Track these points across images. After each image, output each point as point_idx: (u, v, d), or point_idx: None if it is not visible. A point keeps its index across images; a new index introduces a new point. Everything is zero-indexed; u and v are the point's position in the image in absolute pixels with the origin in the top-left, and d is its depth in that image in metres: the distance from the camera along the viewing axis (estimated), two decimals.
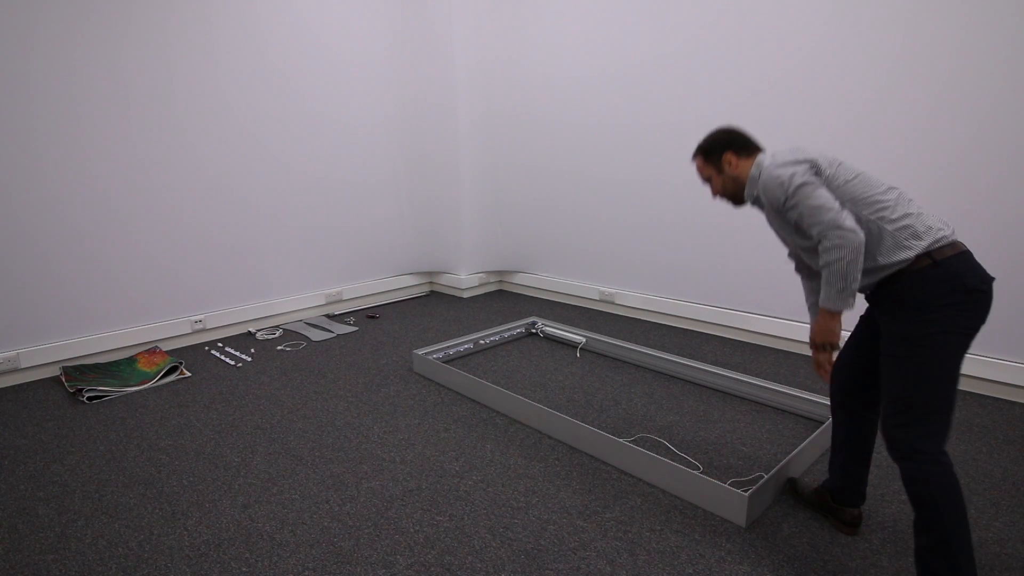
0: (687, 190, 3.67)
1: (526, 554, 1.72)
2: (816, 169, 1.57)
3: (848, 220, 1.49)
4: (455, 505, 1.96)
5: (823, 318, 1.60)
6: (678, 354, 3.26)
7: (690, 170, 3.63)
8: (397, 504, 1.97)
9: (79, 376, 3.04)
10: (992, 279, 1.47)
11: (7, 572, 1.69)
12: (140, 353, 3.40)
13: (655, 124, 3.75)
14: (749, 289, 3.51)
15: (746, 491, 1.82)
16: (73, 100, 3.08)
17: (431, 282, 5.11)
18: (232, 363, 3.34)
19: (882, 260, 1.51)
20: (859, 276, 1.49)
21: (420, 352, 3.15)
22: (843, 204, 1.55)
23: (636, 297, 4.09)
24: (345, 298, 4.46)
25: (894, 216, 1.51)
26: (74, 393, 2.90)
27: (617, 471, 2.15)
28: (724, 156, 1.78)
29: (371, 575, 1.65)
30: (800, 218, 1.56)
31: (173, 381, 3.09)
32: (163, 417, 2.67)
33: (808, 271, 1.83)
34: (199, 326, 3.70)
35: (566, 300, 4.60)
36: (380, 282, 4.69)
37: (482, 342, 3.51)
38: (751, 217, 3.41)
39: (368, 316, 4.32)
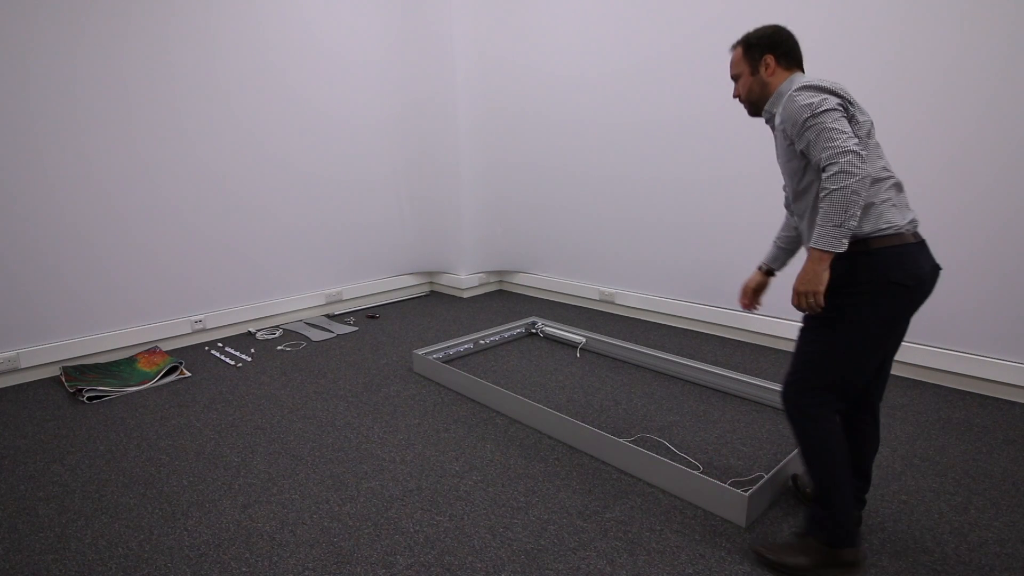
0: (687, 190, 3.67)
1: (526, 554, 1.72)
2: (846, 108, 1.49)
3: (864, 153, 1.41)
4: (455, 505, 1.96)
5: (812, 262, 1.48)
6: (678, 354, 3.26)
7: (690, 169, 3.63)
8: (397, 504, 1.97)
9: (79, 376, 3.04)
10: (927, 275, 1.52)
11: (7, 572, 1.69)
12: (140, 353, 3.40)
13: (655, 123, 3.75)
14: None
15: (746, 491, 1.82)
16: (73, 100, 3.08)
17: (431, 282, 5.11)
18: (232, 363, 3.34)
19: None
20: (858, 214, 1.42)
21: (420, 352, 3.15)
22: None
23: (636, 297, 4.09)
24: (345, 298, 4.46)
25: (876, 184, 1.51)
26: (74, 393, 2.90)
27: (617, 471, 2.15)
28: (764, 57, 1.70)
29: (371, 575, 1.65)
30: (811, 144, 1.47)
31: (173, 381, 3.09)
32: (163, 417, 2.67)
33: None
34: (199, 326, 3.70)
35: (566, 300, 4.60)
36: (380, 282, 4.69)
37: (482, 342, 3.51)
38: (751, 217, 3.41)
39: (368, 316, 4.32)
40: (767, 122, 1.74)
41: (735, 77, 1.76)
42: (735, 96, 1.78)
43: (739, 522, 1.83)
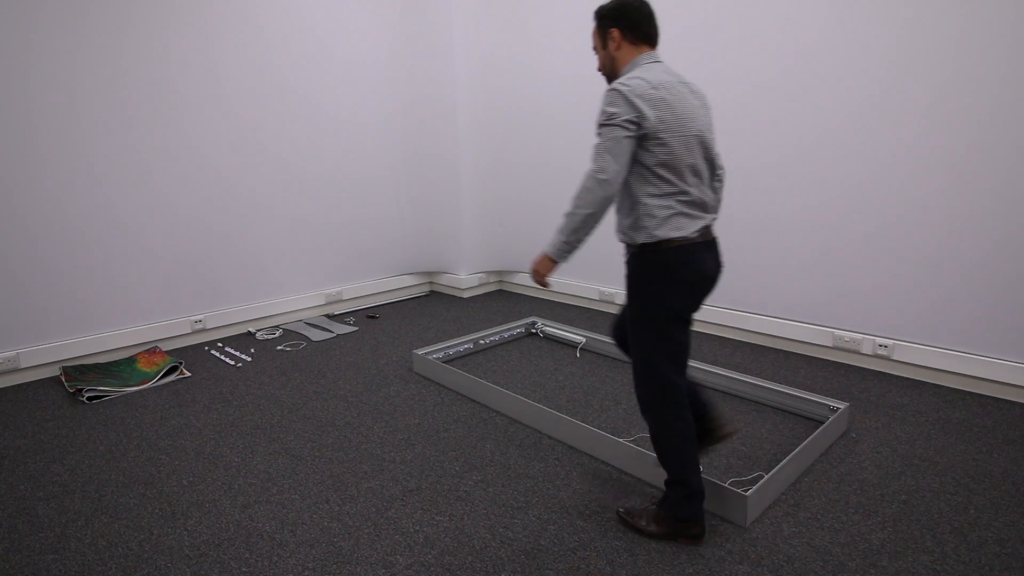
0: None
1: (526, 554, 1.72)
2: (639, 124, 1.56)
3: (617, 178, 1.57)
4: (455, 505, 1.96)
5: (545, 259, 1.73)
6: None
7: None
8: (397, 504, 1.97)
9: (79, 376, 3.04)
10: (710, 272, 1.69)
11: (7, 572, 1.69)
12: (140, 353, 3.40)
13: None
14: (749, 289, 3.51)
15: (746, 491, 1.82)
16: (73, 99, 3.08)
17: (431, 282, 5.11)
18: (232, 363, 3.34)
19: (632, 233, 1.68)
20: (586, 238, 1.64)
21: (420, 352, 3.15)
22: (639, 166, 1.61)
23: None
24: (345, 298, 4.46)
25: (663, 202, 1.62)
26: (74, 393, 2.90)
27: (617, 471, 2.15)
28: (610, 30, 1.69)
29: (371, 575, 1.65)
30: (593, 148, 1.61)
31: (173, 381, 3.09)
32: (163, 417, 2.67)
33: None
34: (199, 326, 3.70)
35: (566, 300, 4.60)
36: (380, 282, 4.69)
37: (482, 342, 3.51)
38: (751, 217, 3.41)
39: (368, 316, 4.32)
40: None
41: (595, 49, 1.77)
42: (599, 69, 1.80)
43: (739, 522, 1.83)
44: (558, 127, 4.28)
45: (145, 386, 3.01)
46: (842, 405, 2.41)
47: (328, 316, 4.32)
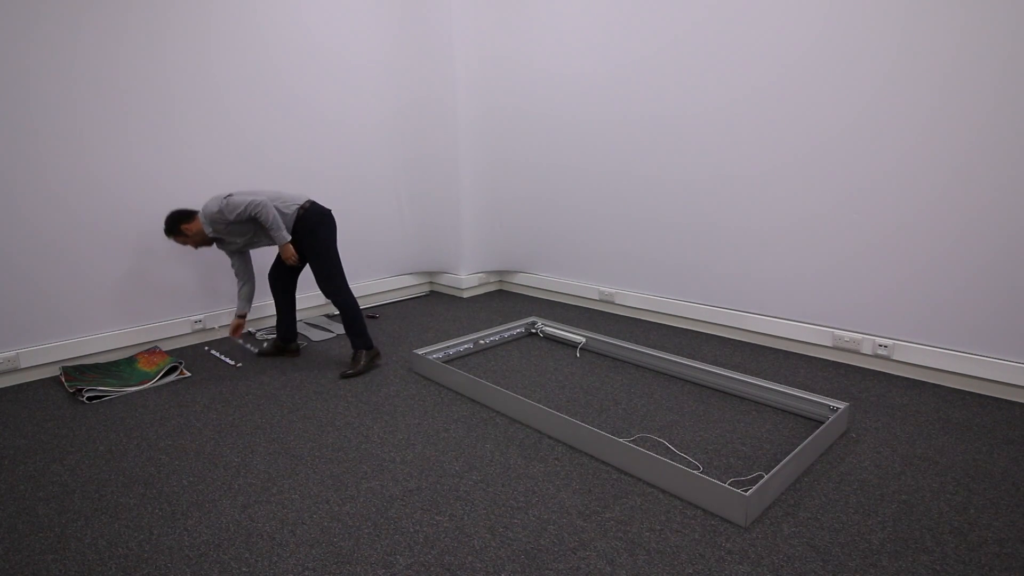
0: (687, 189, 3.68)
1: (526, 554, 1.72)
2: (254, 203, 2.94)
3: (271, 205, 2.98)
4: (455, 505, 1.96)
5: (288, 245, 3.01)
6: (678, 354, 3.26)
7: (691, 169, 3.63)
8: (397, 504, 1.97)
9: (79, 376, 3.04)
10: (320, 209, 3.11)
11: (7, 572, 1.69)
12: (140, 353, 3.40)
13: (655, 122, 3.75)
14: (749, 289, 3.51)
15: (746, 491, 1.82)
16: (72, 100, 3.08)
17: (431, 282, 5.11)
18: (232, 363, 3.34)
19: (289, 217, 3.05)
20: (281, 226, 2.98)
21: (420, 352, 3.15)
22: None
23: (636, 297, 4.09)
24: None
25: (284, 202, 3.05)
26: (74, 393, 2.90)
27: (617, 471, 2.15)
28: (180, 227, 2.98)
29: (371, 575, 1.65)
30: (235, 213, 2.90)
31: (173, 381, 3.09)
32: (163, 417, 2.67)
33: (240, 268, 3.25)
34: (199, 326, 3.70)
35: (566, 300, 4.60)
36: (380, 282, 4.70)
37: (482, 342, 3.51)
38: (751, 217, 3.41)
39: (368, 316, 4.32)
40: (215, 237, 3.10)
41: (184, 245, 3.37)
42: (195, 247, 3.15)
43: (739, 522, 1.83)
44: (558, 127, 4.28)
45: (145, 386, 3.01)
46: (842, 405, 2.41)
47: (328, 316, 4.32)
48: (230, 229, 2.98)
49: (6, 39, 2.87)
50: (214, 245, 3.16)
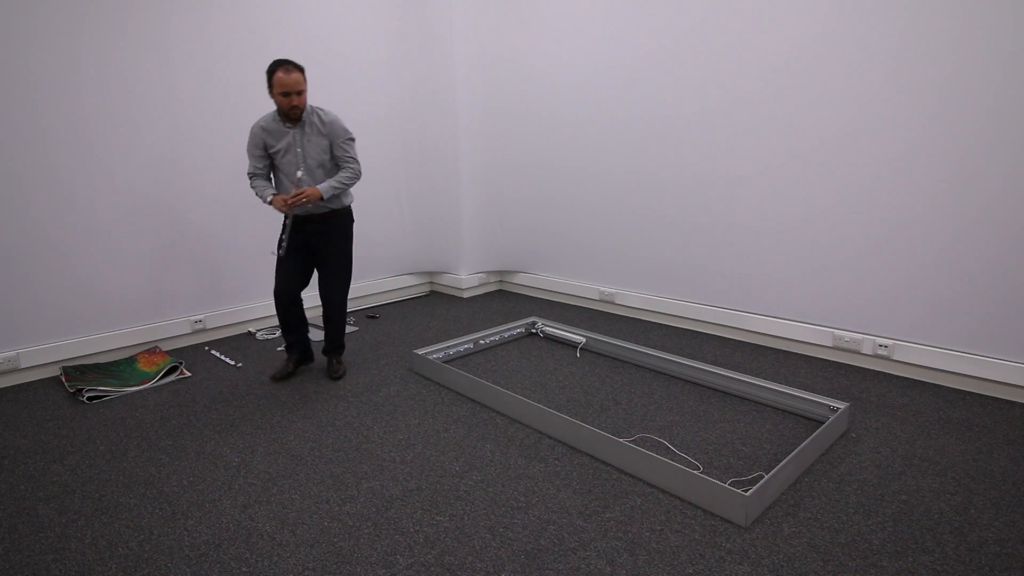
0: (688, 189, 3.68)
1: (526, 554, 1.72)
2: None
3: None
4: (455, 505, 1.96)
5: (315, 190, 2.79)
6: (678, 354, 3.26)
7: (691, 169, 3.63)
8: (397, 504, 1.97)
9: (79, 376, 3.04)
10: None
11: (7, 572, 1.69)
12: (140, 353, 3.40)
13: (656, 121, 3.74)
14: (749, 289, 3.51)
15: (746, 491, 1.82)
16: (73, 99, 3.08)
17: (431, 282, 5.11)
18: (232, 363, 3.34)
19: (348, 198, 3.15)
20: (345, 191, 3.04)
21: (420, 352, 3.15)
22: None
23: (636, 297, 4.09)
24: None
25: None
26: (74, 393, 2.90)
27: (617, 471, 2.15)
28: (304, 75, 2.76)
29: (371, 575, 1.65)
30: (346, 151, 2.96)
31: (173, 381, 3.09)
32: (163, 417, 2.67)
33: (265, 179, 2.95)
34: (199, 326, 3.70)
35: (566, 300, 4.59)
36: (380, 282, 4.69)
37: (482, 342, 3.51)
38: (751, 217, 3.41)
39: (368, 316, 4.32)
40: (296, 123, 2.82)
41: (300, 92, 2.71)
42: (297, 108, 2.74)
43: (739, 522, 1.83)
44: (558, 126, 4.28)
45: (145, 386, 3.01)
46: (842, 405, 2.41)
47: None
48: (321, 140, 2.85)
49: (8, 39, 2.87)
50: (270, 150, 2.84)
